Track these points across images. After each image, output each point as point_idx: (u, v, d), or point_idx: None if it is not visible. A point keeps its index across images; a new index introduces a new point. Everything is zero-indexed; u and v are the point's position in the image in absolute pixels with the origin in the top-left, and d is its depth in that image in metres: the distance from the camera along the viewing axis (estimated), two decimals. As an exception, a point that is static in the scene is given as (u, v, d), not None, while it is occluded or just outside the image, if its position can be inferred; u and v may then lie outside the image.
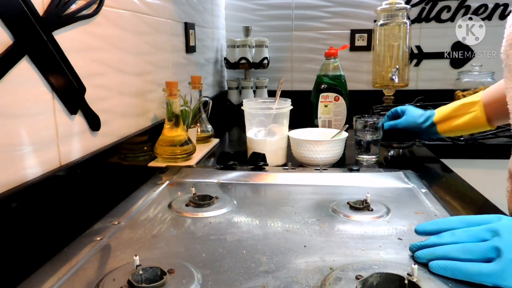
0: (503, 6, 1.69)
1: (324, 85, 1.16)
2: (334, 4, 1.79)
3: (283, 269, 0.51)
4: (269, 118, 0.99)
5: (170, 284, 0.47)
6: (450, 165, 0.99)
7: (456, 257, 0.47)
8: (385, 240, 0.58)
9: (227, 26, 1.87)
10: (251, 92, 1.76)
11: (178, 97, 0.98)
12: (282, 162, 1.01)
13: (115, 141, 0.85)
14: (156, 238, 0.60)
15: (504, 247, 0.44)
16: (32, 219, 0.58)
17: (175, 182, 0.86)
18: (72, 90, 0.69)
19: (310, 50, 1.84)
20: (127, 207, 0.71)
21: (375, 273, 0.46)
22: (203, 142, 1.19)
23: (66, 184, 0.66)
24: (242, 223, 0.66)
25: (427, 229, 0.53)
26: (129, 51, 0.92)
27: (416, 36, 1.78)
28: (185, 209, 0.70)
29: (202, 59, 1.51)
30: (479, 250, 0.46)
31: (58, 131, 0.66)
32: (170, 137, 0.98)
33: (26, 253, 0.55)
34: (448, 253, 0.48)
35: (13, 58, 0.56)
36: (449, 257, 0.47)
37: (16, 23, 0.56)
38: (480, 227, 0.48)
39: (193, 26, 1.37)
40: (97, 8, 0.76)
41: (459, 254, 0.47)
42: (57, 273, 0.50)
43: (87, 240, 0.59)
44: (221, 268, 0.51)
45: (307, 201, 0.74)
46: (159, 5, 1.09)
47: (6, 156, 0.56)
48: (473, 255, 0.46)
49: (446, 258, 0.47)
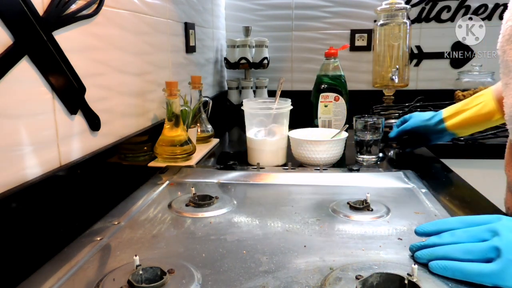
0: (503, 6, 1.69)
1: (324, 85, 1.16)
2: (334, 4, 1.79)
3: (283, 269, 0.51)
4: (269, 118, 0.99)
5: (170, 284, 0.47)
6: (450, 165, 0.99)
7: (456, 257, 0.47)
8: (385, 240, 0.58)
9: (227, 26, 1.87)
10: (251, 92, 1.76)
11: (178, 97, 0.98)
12: (282, 162, 1.01)
13: (115, 141, 0.85)
14: (156, 238, 0.60)
15: (504, 247, 0.44)
16: (32, 219, 0.58)
17: (175, 182, 0.86)
18: (72, 90, 0.69)
19: (310, 50, 1.84)
20: (127, 207, 0.71)
21: (375, 273, 0.46)
22: (203, 142, 1.19)
23: (66, 184, 0.66)
24: (242, 223, 0.66)
25: (427, 230, 0.53)
26: (129, 51, 0.92)
27: (416, 36, 1.78)
28: (185, 209, 0.70)
29: (202, 59, 1.51)
30: (479, 250, 0.46)
31: (58, 131, 0.66)
32: (170, 137, 0.98)
33: (26, 253, 0.55)
34: (448, 253, 0.48)
35: (13, 58, 0.56)
36: (449, 257, 0.47)
37: (16, 23, 0.56)
38: (480, 227, 0.48)
39: (193, 26, 1.37)
40: (97, 8, 0.76)
41: (459, 254, 0.47)
42: (57, 273, 0.50)
43: (87, 240, 0.59)
44: (221, 268, 0.51)
45: (307, 201, 0.74)
46: (159, 5, 1.09)
47: (6, 156, 0.56)
48: (473, 255, 0.46)
49: (446, 258, 0.47)
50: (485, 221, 0.49)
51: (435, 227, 0.52)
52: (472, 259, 0.46)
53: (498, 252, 0.44)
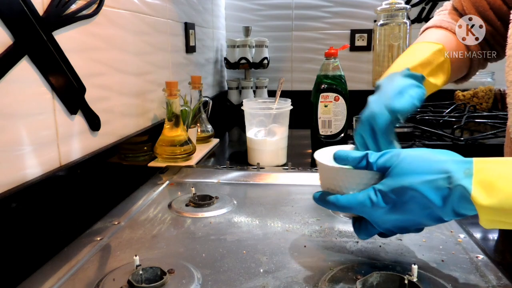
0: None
1: (324, 85, 1.16)
2: (334, 4, 1.79)
3: (283, 269, 0.51)
4: (269, 118, 0.99)
5: (170, 284, 0.47)
6: (450, 165, 0.99)
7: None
8: (385, 240, 0.58)
9: (227, 26, 1.87)
10: (251, 92, 1.76)
11: (178, 97, 0.98)
12: (282, 162, 1.01)
13: (115, 141, 0.85)
14: (156, 238, 0.60)
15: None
16: (32, 219, 0.58)
17: (175, 182, 0.86)
18: (72, 90, 0.69)
19: (310, 50, 1.84)
20: (127, 207, 0.72)
21: (375, 273, 0.46)
22: (203, 142, 1.19)
23: (66, 184, 0.66)
24: (242, 223, 0.66)
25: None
26: (129, 51, 0.92)
27: (416, 36, 1.76)
28: (185, 209, 0.70)
29: (202, 59, 1.51)
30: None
31: (58, 131, 0.66)
32: (170, 137, 0.98)
33: (26, 253, 0.55)
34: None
35: (13, 58, 0.56)
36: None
37: (16, 23, 0.56)
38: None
39: (193, 26, 1.37)
40: (97, 8, 0.76)
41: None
42: (57, 273, 0.50)
43: (87, 240, 0.59)
44: (221, 268, 0.51)
45: (307, 201, 0.74)
46: (159, 5, 1.09)
47: (6, 156, 0.55)
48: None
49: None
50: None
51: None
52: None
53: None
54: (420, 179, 0.43)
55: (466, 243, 0.58)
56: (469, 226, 0.62)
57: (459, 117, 1.35)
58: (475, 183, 0.40)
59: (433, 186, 0.42)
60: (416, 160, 0.44)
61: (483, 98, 1.54)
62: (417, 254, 0.55)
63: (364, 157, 0.47)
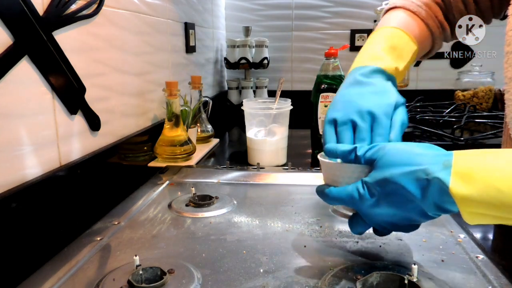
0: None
1: (324, 85, 1.16)
2: (334, 4, 1.79)
3: (283, 269, 0.51)
4: (269, 118, 0.99)
5: (170, 284, 0.47)
6: (450, 165, 0.99)
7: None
8: (385, 240, 0.58)
9: (227, 26, 1.87)
10: (251, 92, 1.76)
11: (178, 97, 0.98)
12: (282, 162, 1.01)
13: (115, 141, 0.85)
14: (156, 238, 0.60)
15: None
16: (32, 219, 0.58)
17: (175, 182, 0.86)
18: (72, 90, 0.69)
19: (310, 50, 1.84)
20: (127, 207, 0.72)
21: (375, 273, 0.46)
22: (203, 142, 1.19)
23: (66, 184, 0.66)
24: (242, 223, 0.66)
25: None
26: (129, 51, 0.92)
27: (416, 36, 1.77)
28: (185, 209, 0.70)
29: (202, 59, 1.51)
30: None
31: (58, 131, 0.66)
32: (170, 137, 0.98)
33: (26, 253, 0.55)
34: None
35: (13, 58, 0.56)
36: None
37: (16, 23, 0.56)
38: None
39: (193, 26, 1.37)
40: (97, 8, 0.76)
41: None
42: (57, 273, 0.50)
43: (87, 240, 0.59)
44: (221, 268, 0.51)
45: (307, 201, 0.74)
46: (159, 5, 1.09)
47: (6, 156, 0.56)
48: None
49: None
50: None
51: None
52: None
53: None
54: (400, 170, 0.43)
55: (466, 243, 0.58)
56: (469, 226, 0.62)
57: (459, 117, 1.35)
58: (453, 174, 0.40)
59: (412, 178, 0.42)
60: (399, 153, 0.45)
61: (483, 98, 1.54)
62: (417, 254, 0.55)
63: (353, 151, 0.48)
